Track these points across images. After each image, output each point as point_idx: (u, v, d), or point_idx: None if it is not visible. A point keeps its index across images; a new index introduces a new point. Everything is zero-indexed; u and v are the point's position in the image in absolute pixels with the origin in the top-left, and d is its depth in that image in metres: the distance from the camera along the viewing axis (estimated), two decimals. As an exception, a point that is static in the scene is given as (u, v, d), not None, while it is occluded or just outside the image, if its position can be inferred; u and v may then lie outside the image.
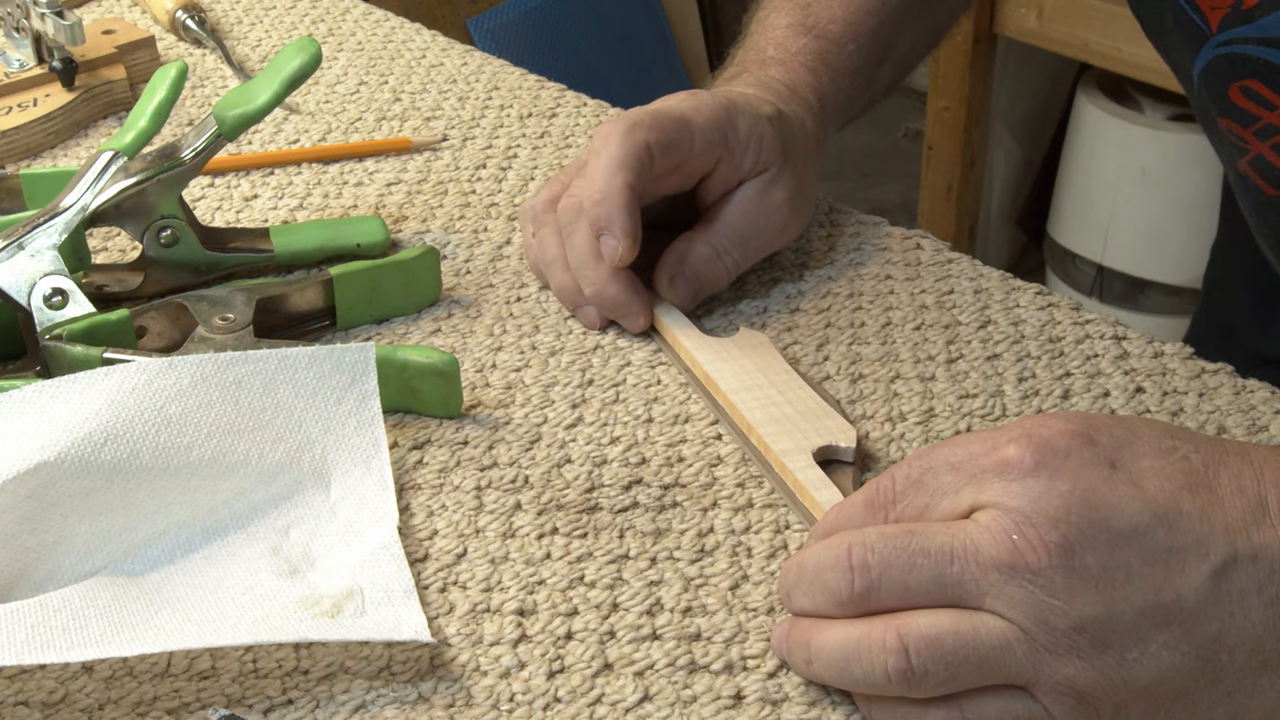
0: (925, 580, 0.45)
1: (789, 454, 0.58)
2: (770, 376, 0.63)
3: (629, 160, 0.64)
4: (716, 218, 0.69)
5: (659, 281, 0.69)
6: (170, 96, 0.68)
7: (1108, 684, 0.43)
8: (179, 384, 0.54)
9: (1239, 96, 0.70)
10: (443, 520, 0.57)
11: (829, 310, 0.70)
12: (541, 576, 0.54)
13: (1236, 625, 0.43)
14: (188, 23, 0.97)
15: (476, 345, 0.67)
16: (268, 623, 0.49)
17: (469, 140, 0.85)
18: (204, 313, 0.64)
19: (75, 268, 0.67)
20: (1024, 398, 0.64)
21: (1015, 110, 2.16)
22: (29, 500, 0.50)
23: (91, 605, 0.48)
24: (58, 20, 0.84)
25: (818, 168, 0.74)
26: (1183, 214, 1.90)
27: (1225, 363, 0.65)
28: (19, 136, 0.84)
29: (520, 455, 0.60)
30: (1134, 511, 0.44)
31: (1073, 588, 0.43)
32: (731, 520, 0.57)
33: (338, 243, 0.73)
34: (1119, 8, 1.75)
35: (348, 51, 0.97)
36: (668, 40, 2.60)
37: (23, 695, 0.49)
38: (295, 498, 0.55)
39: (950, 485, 0.46)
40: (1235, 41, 0.68)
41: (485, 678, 0.50)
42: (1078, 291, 2.05)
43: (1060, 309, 0.69)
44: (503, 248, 0.75)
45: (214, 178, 0.81)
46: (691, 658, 0.51)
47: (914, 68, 0.85)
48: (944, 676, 0.44)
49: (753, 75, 0.75)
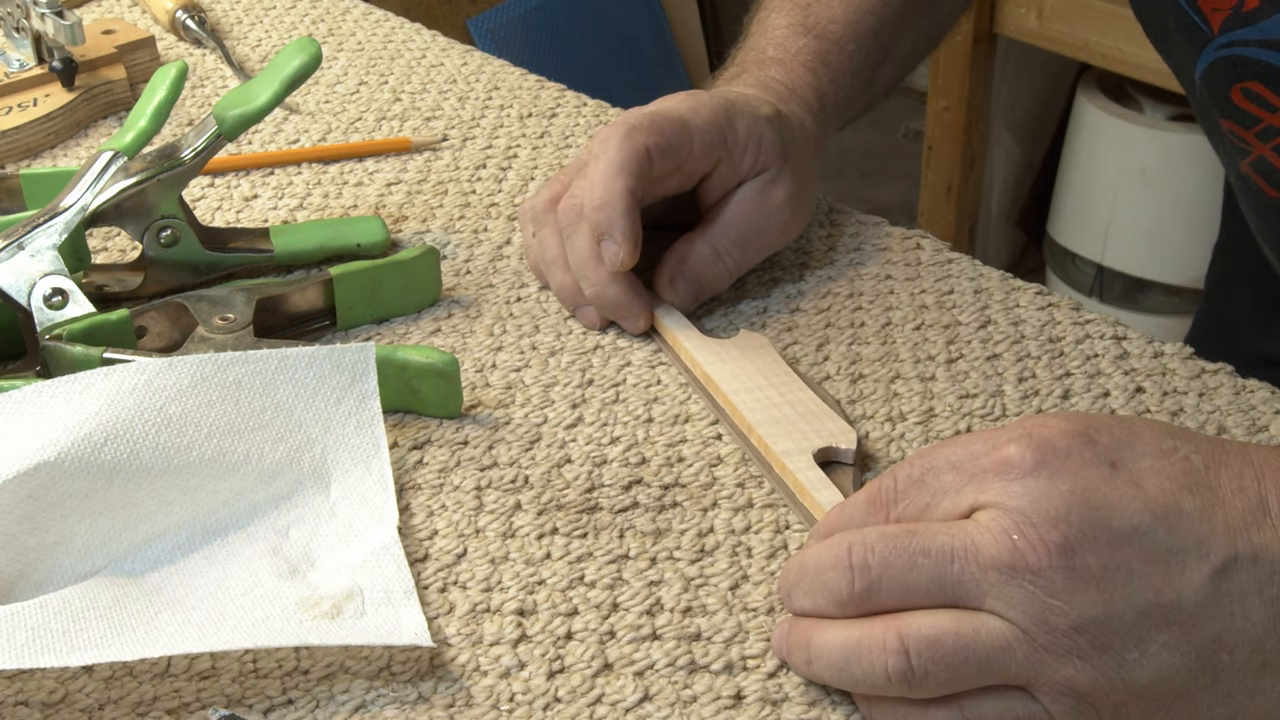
0: (926, 580, 0.45)
1: (789, 455, 0.58)
2: (770, 378, 0.63)
3: (628, 165, 0.64)
4: (717, 219, 0.69)
5: (659, 283, 0.69)
6: (170, 96, 0.68)
7: (1107, 684, 0.43)
8: (179, 384, 0.54)
9: (1240, 98, 0.70)
10: (443, 520, 0.57)
11: (829, 310, 0.70)
12: (541, 576, 0.54)
13: (1237, 625, 0.43)
14: (188, 23, 0.97)
15: (476, 345, 0.67)
16: (268, 625, 0.49)
17: (469, 140, 0.85)
18: (204, 313, 0.64)
19: (75, 268, 0.67)
20: (1024, 398, 0.63)
21: (1015, 110, 2.16)
22: (29, 500, 0.50)
23: (91, 607, 0.48)
24: (58, 20, 0.84)
25: (818, 168, 0.74)
26: (1183, 214, 1.90)
27: (1226, 363, 0.65)
28: (19, 136, 0.84)
29: (520, 455, 0.60)
30: (1134, 511, 0.44)
31: (1073, 588, 0.43)
32: (731, 520, 0.57)
33: (338, 243, 0.73)
34: (1119, 8, 1.75)
35: (348, 51, 0.97)
36: (668, 40, 2.60)
37: (23, 695, 0.49)
38: (295, 498, 0.55)
39: (951, 485, 0.46)
40: (1236, 43, 0.68)
41: (485, 678, 0.50)
42: (1078, 291, 2.05)
43: (1060, 309, 0.69)
44: (503, 248, 0.75)
45: (214, 178, 0.81)
46: (691, 658, 0.51)
47: (914, 68, 0.85)
48: (944, 677, 0.44)
49: (752, 75, 0.75)
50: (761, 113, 0.69)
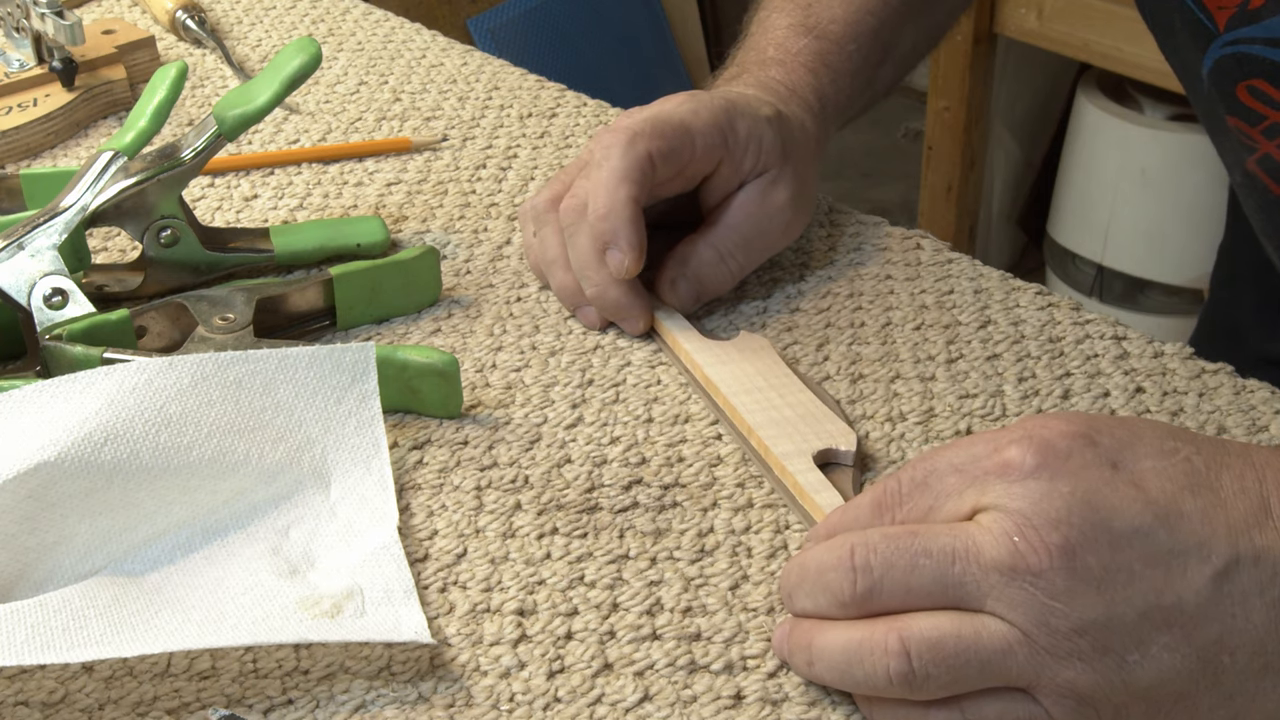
0: (927, 581, 0.45)
1: (789, 457, 0.58)
2: (770, 379, 0.63)
3: (631, 173, 0.64)
4: (719, 221, 0.69)
5: (661, 284, 0.69)
6: (170, 96, 0.68)
7: (1108, 686, 0.43)
8: (179, 384, 0.54)
9: (1246, 96, 0.70)
10: (443, 520, 0.57)
11: (829, 310, 0.70)
12: (541, 576, 0.54)
13: (1238, 627, 0.43)
14: (188, 23, 0.97)
15: (476, 345, 0.67)
16: (268, 623, 0.49)
17: (469, 140, 0.85)
18: (204, 313, 0.64)
19: (75, 268, 0.67)
20: (1024, 398, 0.63)
21: (1015, 110, 2.16)
22: (29, 500, 0.50)
23: (91, 605, 0.48)
24: (58, 20, 0.84)
25: (818, 168, 0.74)
26: (1183, 214, 1.90)
27: (1231, 364, 0.65)
28: (19, 136, 0.84)
29: (520, 455, 0.60)
30: (1135, 513, 0.44)
31: (1074, 589, 0.43)
32: (731, 520, 0.57)
33: (338, 243, 0.73)
34: (1119, 8, 1.75)
35: (348, 51, 0.97)
36: (668, 40, 2.60)
37: (23, 695, 0.49)
38: (295, 498, 0.55)
39: (953, 487, 0.46)
40: (1242, 41, 0.68)
41: (485, 678, 0.50)
42: (1078, 291, 2.05)
43: (1060, 309, 0.69)
44: (503, 248, 0.75)
45: (214, 178, 0.81)
46: (691, 658, 0.51)
47: (914, 67, 0.85)
48: (945, 679, 0.44)
49: (753, 76, 0.75)
50: (762, 113, 0.69)
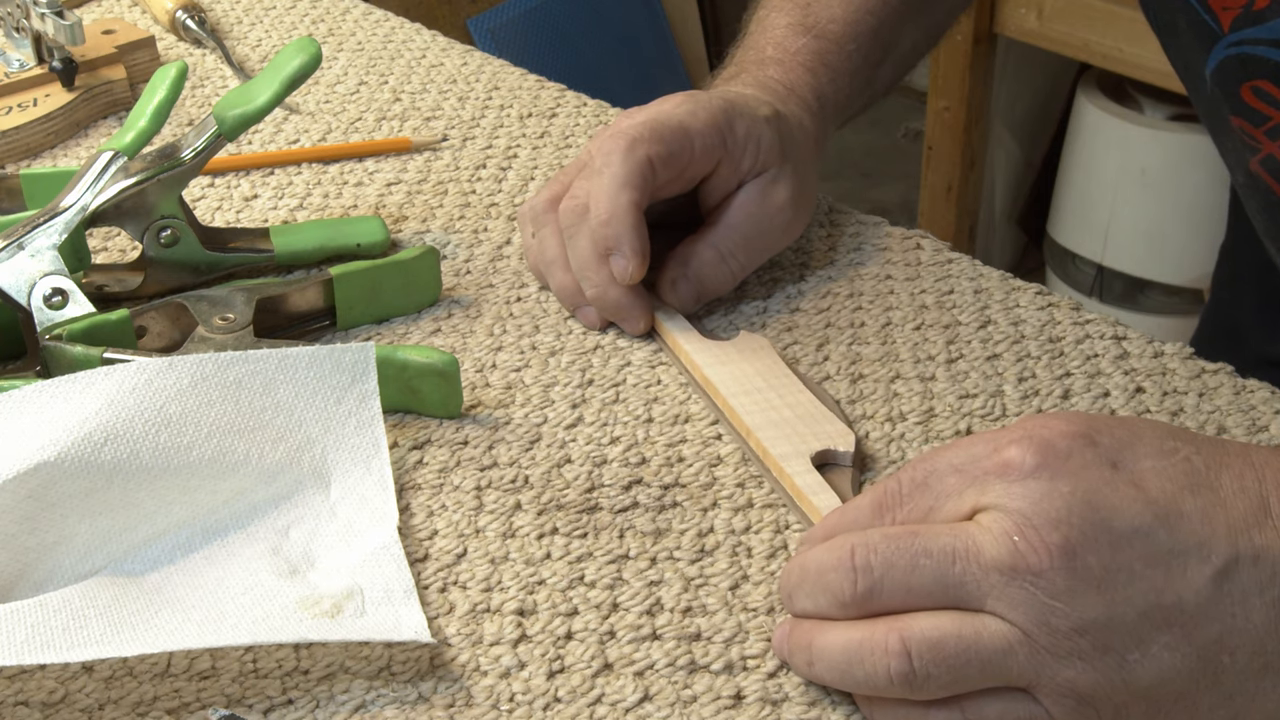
0: (928, 581, 0.45)
1: (787, 458, 0.58)
2: (770, 380, 0.63)
3: (632, 178, 0.64)
4: (719, 220, 0.69)
5: (662, 285, 0.69)
6: (170, 96, 0.68)
7: (1109, 686, 0.43)
8: (179, 384, 0.54)
9: (1250, 96, 0.70)
10: (443, 520, 0.57)
11: (829, 310, 0.70)
12: (541, 576, 0.54)
13: (1238, 627, 0.43)
14: (188, 23, 0.97)
15: (476, 345, 0.67)
16: (268, 623, 0.49)
17: (469, 140, 0.85)
18: (204, 313, 0.64)
19: (75, 268, 0.67)
20: (1024, 398, 0.63)
21: (1015, 110, 2.16)
22: (29, 500, 0.50)
23: (91, 605, 0.48)
24: (58, 20, 0.84)
25: (818, 168, 0.74)
26: (1183, 214, 1.90)
27: (1231, 365, 0.65)
28: (19, 136, 0.83)
29: (520, 455, 0.60)
30: (1135, 513, 0.44)
31: (1074, 589, 0.43)
32: (731, 520, 0.57)
33: (338, 243, 0.73)
34: (1119, 8, 1.75)
35: (348, 51, 0.97)
36: (668, 40, 2.60)
37: (23, 695, 0.49)
38: (295, 498, 0.55)
39: (954, 487, 0.46)
40: (1246, 42, 0.68)
41: (485, 678, 0.50)
42: (1078, 291, 2.05)
43: (1060, 309, 0.69)
44: (503, 248, 0.75)
45: (214, 178, 0.81)
46: (691, 658, 0.51)
47: (914, 67, 0.85)
48: (946, 679, 0.44)
49: (751, 75, 0.75)
50: (760, 113, 0.69)
